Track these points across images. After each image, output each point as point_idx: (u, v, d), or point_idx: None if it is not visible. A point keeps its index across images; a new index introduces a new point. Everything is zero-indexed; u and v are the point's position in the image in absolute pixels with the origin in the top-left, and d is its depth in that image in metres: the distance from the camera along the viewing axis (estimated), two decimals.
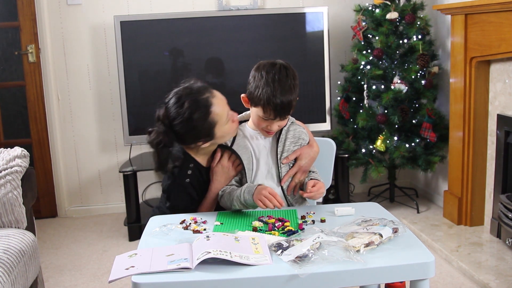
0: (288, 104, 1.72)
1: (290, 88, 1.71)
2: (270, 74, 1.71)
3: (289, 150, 1.86)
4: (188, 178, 1.84)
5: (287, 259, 1.34)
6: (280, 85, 1.70)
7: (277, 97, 1.69)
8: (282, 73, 1.72)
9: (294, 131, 1.89)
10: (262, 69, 1.74)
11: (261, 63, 1.77)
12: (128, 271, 1.32)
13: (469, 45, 3.01)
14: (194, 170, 1.85)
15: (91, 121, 3.82)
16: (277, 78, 1.70)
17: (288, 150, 1.86)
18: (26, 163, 2.27)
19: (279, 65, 1.74)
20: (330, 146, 2.11)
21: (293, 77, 1.73)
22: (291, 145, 1.87)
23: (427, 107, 3.38)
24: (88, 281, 2.79)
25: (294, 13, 3.56)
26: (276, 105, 1.70)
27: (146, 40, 3.46)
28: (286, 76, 1.71)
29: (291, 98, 1.72)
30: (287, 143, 1.86)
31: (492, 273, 2.54)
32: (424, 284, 1.37)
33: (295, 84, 1.73)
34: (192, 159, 1.86)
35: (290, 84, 1.71)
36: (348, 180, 3.60)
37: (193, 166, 1.85)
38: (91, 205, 3.94)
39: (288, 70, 1.74)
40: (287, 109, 1.73)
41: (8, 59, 3.69)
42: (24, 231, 2.15)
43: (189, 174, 1.84)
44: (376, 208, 1.78)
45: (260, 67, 1.76)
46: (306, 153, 1.88)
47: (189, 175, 1.84)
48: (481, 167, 3.12)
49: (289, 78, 1.72)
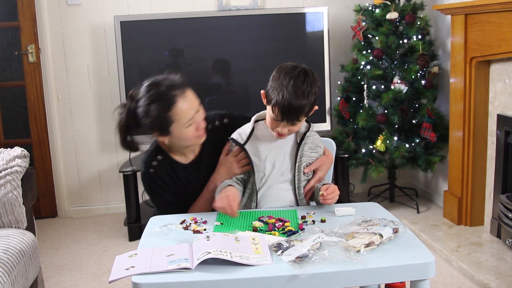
0: (297, 109, 1.69)
1: (303, 94, 1.69)
2: (287, 76, 1.70)
3: (307, 155, 1.85)
4: (152, 169, 1.86)
5: (287, 259, 1.34)
6: (294, 89, 1.68)
7: (287, 100, 1.68)
8: (299, 78, 1.69)
9: (313, 137, 1.89)
10: (282, 70, 1.73)
11: (284, 64, 1.76)
12: (128, 271, 1.32)
13: (469, 45, 3.01)
14: (163, 163, 1.87)
15: (91, 121, 3.82)
16: (293, 81, 1.68)
17: (306, 155, 1.85)
18: (26, 163, 2.27)
19: (299, 70, 1.72)
20: (330, 146, 2.12)
21: (311, 84, 1.71)
22: (309, 151, 1.86)
23: (427, 107, 3.38)
24: (88, 281, 2.79)
25: (294, 13, 3.56)
26: (284, 108, 1.69)
27: (146, 40, 3.46)
28: (303, 81, 1.69)
29: (302, 103, 1.69)
30: (305, 148, 1.85)
31: (492, 273, 2.54)
32: (424, 284, 1.37)
33: (310, 91, 1.70)
34: (163, 152, 1.88)
35: (305, 90, 1.69)
36: (348, 180, 3.60)
37: (162, 159, 1.87)
38: (91, 205, 3.94)
39: (307, 76, 1.71)
40: (295, 113, 1.71)
41: (8, 59, 3.69)
42: (24, 231, 2.15)
43: (154, 165, 1.86)
44: (376, 208, 1.78)
45: (282, 67, 1.75)
46: (326, 164, 1.90)
47: (153, 166, 1.86)
48: (481, 167, 3.12)
49: (305, 84, 1.69)
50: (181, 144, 1.84)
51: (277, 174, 1.85)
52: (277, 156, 1.85)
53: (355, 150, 3.57)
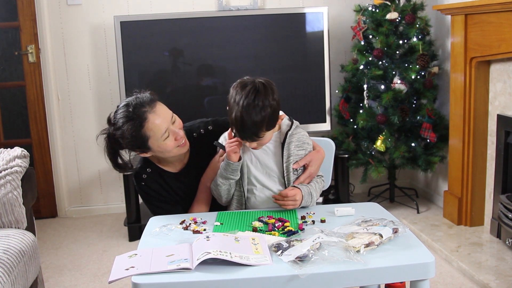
0: (251, 127, 1.67)
1: (255, 111, 1.65)
2: (238, 95, 1.68)
3: (294, 154, 1.83)
4: (143, 182, 1.92)
5: (287, 260, 1.34)
6: (246, 108, 1.65)
7: (239, 120, 1.66)
8: (250, 96, 1.66)
9: (299, 134, 1.85)
10: (234, 88, 1.72)
11: (239, 81, 1.74)
12: (128, 272, 1.32)
13: (469, 45, 3.01)
14: (153, 175, 1.92)
15: (91, 121, 3.82)
16: (243, 100, 1.66)
17: (294, 154, 1.83)
18: (26, 163, 2.27)
19: (249, 87, 1.68)
20: (330, 146, 2.11)
21: (263, 99, 1.66)
22: (296, 149, 1.84)
23: (427, 107, 3.38)
24: (88, 281, 2.79)
25: (294, 13, 3.56)
26: (238, 127, 1.69)
27: (146, 40, 3.46)
28: (253, 99, 1.66)
29: (255, 120, 1.65)
30: (291, 147, 1.83)
31: (492, 273, 2.54)
32: (424, 285, 1.37)
33: (263, 105, 1.66)
34: (152, 164, 1.94)
35: (256, 106, 1.65)
36: (348, 180, 3.60)
37: (152, 171, 1.93)
38: (91, 205, 3.94)
39: (258, 92, 1.67)
40: (251, 131, 1.68)
41: (8, 59, 3.69)
42: (24, 231, 2.15)
43: (144, 178, 1.92)
44: (376, 208, 1.78)
45: (235, 86, 1.73)
46: (316, 159, 1.88)
47: (144, 178, 1.92)
48: (481, 167, 3.12)
49: (256, 100, 1.66)
50: (166, 156, 1.88)
51: (263, 176, 1.84)
52: (262, 158, 1.84)
53: (355, 150, 3.57)
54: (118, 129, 1.80)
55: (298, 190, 1.77)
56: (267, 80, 1.74)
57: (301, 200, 1.76)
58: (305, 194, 1.77)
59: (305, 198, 1.78)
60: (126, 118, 1.78)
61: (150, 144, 1.81)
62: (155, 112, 1.79)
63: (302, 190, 1.77)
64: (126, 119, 1.78)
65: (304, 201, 1.77)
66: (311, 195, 1.80)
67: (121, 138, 1.81)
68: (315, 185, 1.86)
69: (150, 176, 1.93)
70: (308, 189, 1.81)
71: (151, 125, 1.78)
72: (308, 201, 1.80)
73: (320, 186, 1.90)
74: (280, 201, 1.76)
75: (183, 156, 1.95)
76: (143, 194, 1.95)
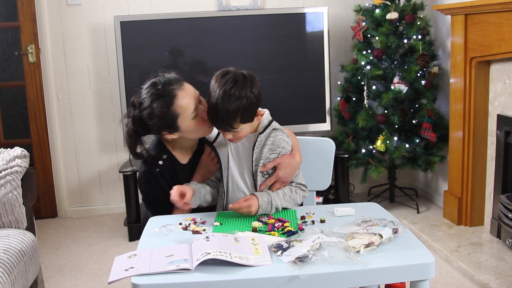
0: (224, 115, 1.66)
1: (230, 99, 1.65)
2: (217, 83, 1.69)
3: (265, 157, 1.78)
4: (158, 168, 1.85)
5: (287, 260, 1.34)
6: (222, 95, 1.65)
7: (214, 107, 1.67)
8: (228, 84, 1.66)
9: (275, 137, 1.79)
10: (215, 77, 1.72)
11: (220, 71, 1.74)
12: (128, 272, 1.32)
13: (469, 45, 3.01)
14: (167, 162, 1.87)
15: (91, 121, 3.82)
16: (221, 88, 1.66)
17: (265, 157, 1.78)
18: (26, 163, 2.27)
19: (229, 76, 1.69)
20: (330, 146, 2.11)
21: (240, 88, 1.66)
22: (268, 152, 1.78)
23: (427, 107, 3.38)
24: (88, 281, 2.79)
25: (294, 13, 3.56)
26: (211, 114, 1.69)
27: (146, 40, 3.46)
28: (231, 87, 1.66)
29: (229, 108, 1.64)
30: (264, 149, 1.78)
31: (492, 273, 2.54)
32: (424, 285, 1.37)
33: (239, 95, 1.65)
34: (167, 151, 1.89)
35: (232, 94, 1.65)
36: (348, 180, 3.60)
37: (167, 158, 1.87)
38: (91, 205, 3.94)
39: (237, 81, 1.67)
40: (223, 119, 1.67)
41: (8, 59, 3.69)
42: (24, 231, 2.15)
43: (160, 165, 1.86)
44: (376, 208, 1.78)
45: (216, 74, 1.73)
46: (286, 163, 1.79)
47: (160, 165, 1.86)
48: (481, 167, 3.12)
49: (233, 89, 1.65)
50: (193, 136, 1.85)
51: (238, 176, 1.83)
52: (237, 157, 1.83)
53: (355, 150, 3.57)
54: (146, 109, 1.76)
55: (255, 200, 1.70)
56: (249, 73, 1.73)
57: (257, 209, 1.69)
58: (263, 203, 1.70)
59: (263, 207, 1.70)
60: (155, 96, 1.75)
61: (179, 123, 1.77)
62: (184, 90, 1.78)
63: (260, 199, 1.70)
64: (155, 97, 1.75)
65: (261, 209, 1.70)
66: (271, 204, 1.72)
67: (149, 118, 1.76)
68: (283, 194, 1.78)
69: (165, 164, 1.87)
70: (268, 197, 1.72)
71: (180, 102, 1.75)
72: (268, 210, 1.71)
73: (295, 195, 1.81)
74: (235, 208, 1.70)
75: (194, 144, 1.93)
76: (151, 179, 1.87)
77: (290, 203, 1.79)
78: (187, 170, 1.92)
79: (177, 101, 1.75)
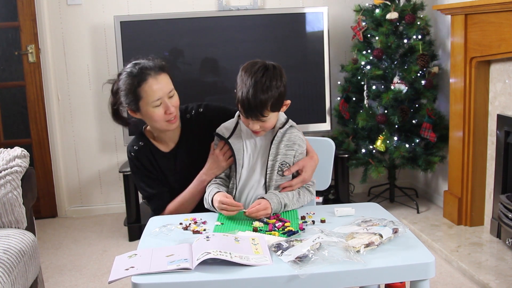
0: (257, 104, 1.68)
1: (262, 89, 1.68)
2: (247, 73, 1.72)
3: (282, 153, 1.81)
4: (133, 153, 1.98)
5: (287, 260, 1.34)
6: (253, 84, 1.68)
7: (246, 96, 1.69)
8: (258, 73, 1.70)
9: (291, 134, 1.83)
10: (244, 68, 1.75)
11: (249, 62, 1.78)
12: (128, 272, 1.32)
13: (469, 45, 3.01)
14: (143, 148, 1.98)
15: (91, 121, 3.82)
16: (252, 77, 1.70)
17: (282, 153, 1.81)
18: (26, 163, 2.27)
19: (258, 65, 1.73)
20: (330, 146, 2.11)
21: (271, 78, 1.70)
22: (285, 149, 1.82)
23: (427, 107, 3.38)
24: (88, 281, 2.79)
25: (294, 13, 3.56)
26: (244, 104, 1.70)
27: (146, 40, 3.46)
28: (261, 76, 1.69)
29: (261, 98, 1.68)
30: (281, 145, 1.81)
31: (492, 273, 2.54)
32: (424, 285, 1.37)
33: (270, 85, 1.69)
34: (146, 139, 2.00)
35: (263, 84, 1.68)
36: (348, 180, 3.60)
37: (143, 144, 1.99)
38: (91, 205, 3.94)
39: (267, 70, 1.72)
40: (256, 109, 1.69)
41: (8, 59, 3.69)
42: (24, 231, 2.15)
43: (135, 149, 1.98)
44: (376, 208, 1.78)
45: (245, 66, 1.76)
46: (310, 165, 1.85)
47: (135, 149, 1.98)
48: (481, 167, 3.12)
49: (264, 78, 1.69)
50: (153, 125, 1.94)
51: (250, 172, 1.84)
52: (254, 153, 1.85)
53: (355, 150, 3.57)
54: (119, 80, 1.92)
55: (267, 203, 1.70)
56: (276, 64, 1.77)
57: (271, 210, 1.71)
58: (274, 204, 1.71)
59: (274, 208, 1.72)
60: (129, 73, 1.88)
61: (141, 105, 1.88)
62: (157, 79, 1.86)
63: (271, 201, 1.71)
64: (128, 74, 1.88)
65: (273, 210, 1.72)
66: (281, 204, 1.74)
67: (119, 88, 1.92)
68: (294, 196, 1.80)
69: (141, 149, 1.99)
70: (278, 199, 1.74)
71: (147, 88, 1.85)
72: (278, 210, 1.74)
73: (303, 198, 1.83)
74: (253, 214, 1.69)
75: (176, 136, 2.00)
76: (132, 165, 2.01)
77: (297, 205, 1.82)
78: (169, 158, 1.99)
79: (144, 86, 1.85)
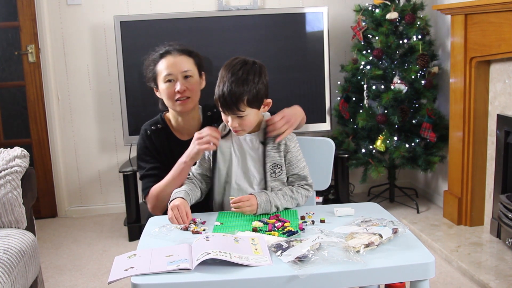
0: (233, 96, 1.66)
1: (238, 81, 1.67)
2: (226, 68, 1.72)
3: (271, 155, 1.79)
4: (149, 131, 2.05)
5: (287, 260, 1.34)
6: (230, 77, 1.68)
7: (222, 89, 1.68)
8: (236, 67, 1.70)
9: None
10: (224, 64, 1.75)
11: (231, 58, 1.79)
12: (128, 272, 1.32)
13: (469, 45, 3.01)
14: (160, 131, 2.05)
15: (91, 121, 3.82)
16: (230, 71, 1.69)
17: (270, 155, 1.79)
18: (26, 163, 2.27)
19: (237, 60, 1.73)
20: (330, 146, 2.11)
21: (248, 72, 1.69)
22: (272, 151, 1.80)
23: (427, 107, 3.38)
24: (88, 281, 2.79)
25: (294, 13, 3.56)
26: (220, 96, 1.69)
27: (146, 40, 3.45)
28: (239, 69, 1.69)
29: (237, 90, 1.66)
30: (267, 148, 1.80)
31: (492, 273, 2.54)
32: (424, 285, 1.37)
33: (247, 79, 1.68)
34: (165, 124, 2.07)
35: (240, 77, 1.67)
36: (348, 180, 3.60)
37: (161, 128, 2.05)
38: (91, 205, 3.94)
39: (245, 65, 1.71)
40: (232, 101, 1.67)
41: (8, 59, 3.69)
42: (24, 231, 2.15)
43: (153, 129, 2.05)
44: (375, 208, 1.78)
45: (226, 62, 1.76)
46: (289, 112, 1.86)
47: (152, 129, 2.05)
48: (481, 167, 3.12)
49: (241, 72, 1.68)
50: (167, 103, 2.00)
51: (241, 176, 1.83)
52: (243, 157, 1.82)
53: (355, 150, 3.57)
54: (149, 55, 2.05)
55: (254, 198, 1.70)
56: (260, 62, 1.77)
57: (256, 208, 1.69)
58: (261, 201, 1.70)
59: (262, 206, 1.70)
60: (155, 50, 2.01)
61: (158, 81, 1.99)
62: (174, 57, 1.98)
63: (259, 198, 1.70)
64: (154, 51, 2.01)
65: (261, 208, 1.70)
66: (270, 202, 1.71)
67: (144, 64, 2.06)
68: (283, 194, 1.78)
69: (158, 131, 2.05)
70: (266, 196, 1.72)
71: (162, 65, 1.98)
72: (268, 209, 1.71)
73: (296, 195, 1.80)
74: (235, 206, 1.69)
75: (193, 129, 2.00)
76: (141, 142, 2.04)
77: (291, 203, 1.79)
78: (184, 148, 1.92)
79: (161, 62, 1.99)
